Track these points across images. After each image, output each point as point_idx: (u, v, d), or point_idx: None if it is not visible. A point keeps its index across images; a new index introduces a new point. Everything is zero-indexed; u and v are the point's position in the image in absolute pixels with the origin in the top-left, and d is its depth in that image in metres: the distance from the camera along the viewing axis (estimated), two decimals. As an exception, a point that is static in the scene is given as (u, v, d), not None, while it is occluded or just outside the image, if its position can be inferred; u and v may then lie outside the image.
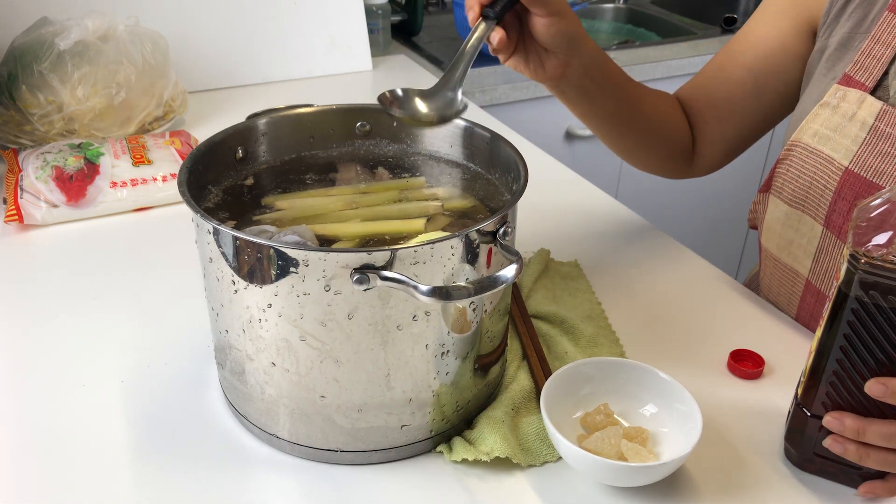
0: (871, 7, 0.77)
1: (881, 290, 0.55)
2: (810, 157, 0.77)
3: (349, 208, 0.71)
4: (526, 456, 0.64)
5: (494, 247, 0.60)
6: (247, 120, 0.75)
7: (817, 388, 0.60)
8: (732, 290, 0.88)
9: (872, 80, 0.74)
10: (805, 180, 0.77)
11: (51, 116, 1.11)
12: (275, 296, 0.57)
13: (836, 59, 0.79)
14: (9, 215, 0.96)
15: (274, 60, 1.46)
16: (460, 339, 0.62)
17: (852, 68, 0.75)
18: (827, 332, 0.59)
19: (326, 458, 0.64)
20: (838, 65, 0.78)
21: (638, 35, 2.01)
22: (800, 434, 0.63)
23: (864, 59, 0.75)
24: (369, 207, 0.72)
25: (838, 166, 0.74)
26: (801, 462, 0.64)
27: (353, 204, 0.72)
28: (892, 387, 0.56)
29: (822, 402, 0.60)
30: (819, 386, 0.60)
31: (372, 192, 0.74)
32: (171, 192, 1.03)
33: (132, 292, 0.85)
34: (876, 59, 0.74)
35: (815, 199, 0.77)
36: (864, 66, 0.75)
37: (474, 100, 1.49)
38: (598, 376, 0.68)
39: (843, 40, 0.78)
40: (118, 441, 0.66)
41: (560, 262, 0.91)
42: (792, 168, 0.78)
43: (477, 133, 0.76)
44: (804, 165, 0.77)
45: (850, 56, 0.77)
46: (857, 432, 0.58)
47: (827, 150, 0.75)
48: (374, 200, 0.73)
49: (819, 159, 0.76)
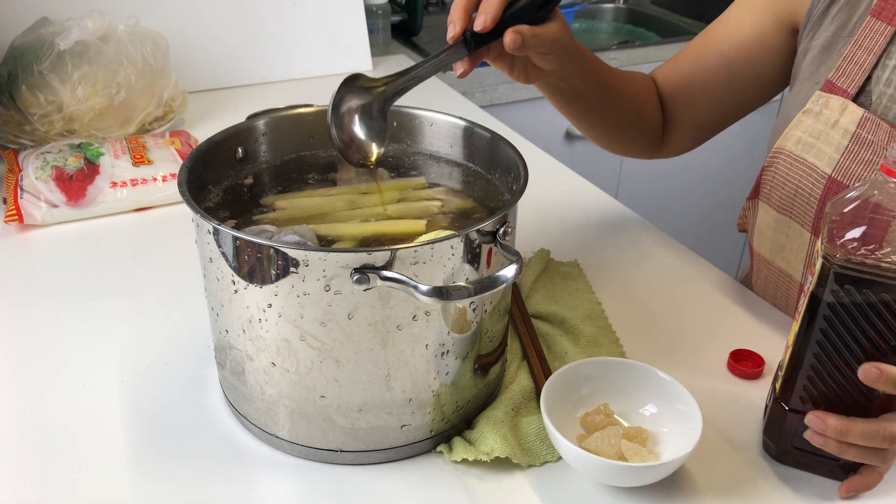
0: (854, 10, 0.77)
1: (856, 284, 0.55)
2: (794, 164, 0.76)
3: (349, 208, 0.71)
4: (526, 456, 0.64)
5: (494, 247, 0.60)
6: (247, 120, 0.75)
7: (795, 382, 0.61)
8: (732, 290, 0.88)
9: (854, 86, 0.74)
10: (790, 188, 0.77)
11: (51, 116, 1.11)
12: (275, 296, 0.57)
13: (819, 62, 0.79)
14: (9, 215, 0.96)
15: (274, 60, 1.46)
16: (460, 339, 0.62)
17: (835, 74, 0.75)
18: (803, 327, 0.60)
19: (326, 458, 0.64)
20: (821, 69, 0.78)
21: (638, 35, 2.01)
22: (778, 428, 0.63)
23: (847, 65, 0.75)
24: (369, 208, 0.72)
25: (821, 174, 0.74)
26: (778, 455, 0.65)
27: (352, 204, 0.72)
28: (888, 372, 0.56)
29: (799, 397, 0.61)
30: (796, 380, 0.61)
31: (372, 193, 0.74)
32: (171, 192, 1.03)
33: (132, 292, 0.85)
34: (858, 66, 0.74)
35: (801, 207, 0.77)
36: (846, 73, 0.75)
37: (474, 100, 1.49)
38: (598, 376, 0.68)
39: (825, 44, 0.78)
40: (118, 441, 0.66)
41: (560, 262, 0.91)
42: (777, 175, 0.78)
43: (477, 133, 0.76)
44: (789, 173, 0.77)
45: (833, 61, 0.77)
46: (840, 432, 0.58)
47: (810, 158, 0.75)
48: (373, 201, 0.73)
49: (803, 167, 0.76)
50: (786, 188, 0.78)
